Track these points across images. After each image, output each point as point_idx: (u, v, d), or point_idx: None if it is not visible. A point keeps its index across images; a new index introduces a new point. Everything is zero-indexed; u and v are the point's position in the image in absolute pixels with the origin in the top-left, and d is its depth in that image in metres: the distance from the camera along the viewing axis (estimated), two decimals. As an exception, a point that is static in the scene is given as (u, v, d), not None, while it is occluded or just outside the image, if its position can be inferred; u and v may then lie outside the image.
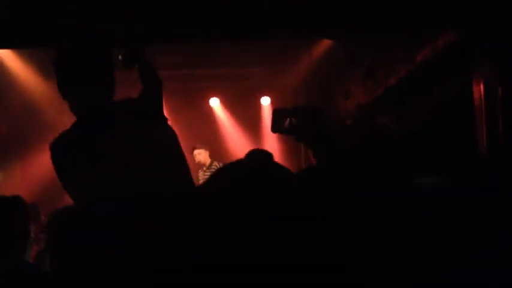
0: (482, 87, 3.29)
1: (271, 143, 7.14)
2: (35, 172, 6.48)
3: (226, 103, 7.81)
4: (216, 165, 6.22)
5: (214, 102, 7.81)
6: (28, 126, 6.55)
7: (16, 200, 2.48)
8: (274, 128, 1.62)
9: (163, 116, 2.20)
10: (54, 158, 2.01)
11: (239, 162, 1.30)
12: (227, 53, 6.21)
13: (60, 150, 2.00)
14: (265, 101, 7.82)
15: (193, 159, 6.27)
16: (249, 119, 7.70)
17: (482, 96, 3.28)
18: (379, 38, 4.55)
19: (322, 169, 1.59)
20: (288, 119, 1.59)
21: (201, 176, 6.18)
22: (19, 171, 6.63)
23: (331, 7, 3.51)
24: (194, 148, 6.35)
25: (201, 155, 6.28)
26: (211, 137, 7.56)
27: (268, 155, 3.38)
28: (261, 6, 3.50)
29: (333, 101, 6.49)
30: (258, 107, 7.81)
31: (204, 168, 6.29)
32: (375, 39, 4.71)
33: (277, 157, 7.01)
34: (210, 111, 7.87)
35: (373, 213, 1.39)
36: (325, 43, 6.07)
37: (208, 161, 6.30)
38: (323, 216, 1.34)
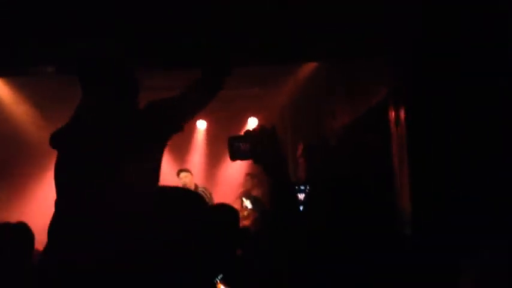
0: (393, 113, 3.68)
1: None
2: (24, 197, 6.50)
3: (213, 125, 7.82)
4: (201, 189, 6.24)
5: (201, 125, 7.83)
6: (17, 153, 6.54)
7: (21, 227, 2.47)
8: (232, 157, 1.64)
9: (180, 122, 2.19)
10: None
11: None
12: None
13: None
14: (253, 122, 7.85)
15: (179, 181, 6.30)
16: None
17: (393, 121, 3.68)
18: (357, 59, 4.60)
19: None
20: (241, 144, 1.61)
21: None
22: (5, 197, 6.59)
23: (311, 31, 3.58)
24: (181, 171, 6.39)
25: (187, 178, 6.31)
26: (197, 159, 7.59)
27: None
28: (248, 32, 3.57)
29: (320, 120, 6.53)
30: (245, 128, 7.82)
31: (191, 191, 6.30)
32: (355, 60, 4.76)
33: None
34: (197, 134, 7.88)
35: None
36: (311, 63, 6.12)
37: (193, 184, 6.32)
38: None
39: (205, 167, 7.67)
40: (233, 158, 1.64)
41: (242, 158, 1.65)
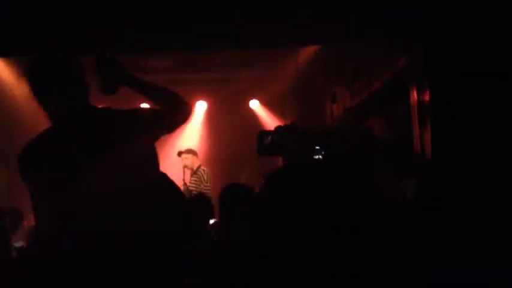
0: (415, 93, 3.64)
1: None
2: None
3: (214, 107, 7.81)
4: (203, 169, 6.22)
5: (202, 106, 7.80)
6: (15, 132, 6.50)
7: None
8: (260, 152, 1.55)
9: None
10: (27, 169, 1.99)
11: None
12: (214, 57, 6.24)
13: (33, 160, 2.00)
14: (254, 104, 7.83)
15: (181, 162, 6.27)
16: (237, 122, 7.69)
17: (415, 102, 3.66)
18: (362, 43, 4.57)
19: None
20: (269, 137, 1.52)
21: (188, 181, 6.19)
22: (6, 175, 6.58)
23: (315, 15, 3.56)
24: (181, 152, 6.34)
25: (188, 159, 6.25)
26: (198, 141, 7.58)
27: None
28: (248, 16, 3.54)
29: (320, 103, 6.51)
30: (246, 110, 7.82)
31: (191, 172, 6.27)
32: (359, 44, 4.73)
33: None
34: (198, 115, 7.85)
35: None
36: (312, 46, 6.07)
37: (195, 165, 6.28)
38: None
39: (205, 147, 7.67)
40: (260, 153, 1.56)
41: (270, 154, 1.56)
